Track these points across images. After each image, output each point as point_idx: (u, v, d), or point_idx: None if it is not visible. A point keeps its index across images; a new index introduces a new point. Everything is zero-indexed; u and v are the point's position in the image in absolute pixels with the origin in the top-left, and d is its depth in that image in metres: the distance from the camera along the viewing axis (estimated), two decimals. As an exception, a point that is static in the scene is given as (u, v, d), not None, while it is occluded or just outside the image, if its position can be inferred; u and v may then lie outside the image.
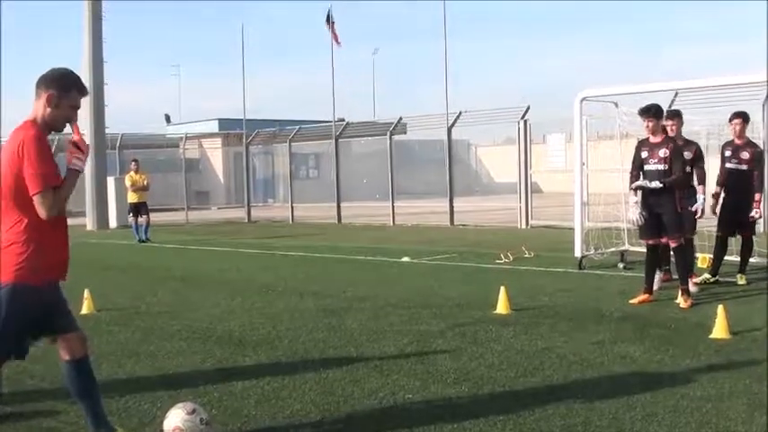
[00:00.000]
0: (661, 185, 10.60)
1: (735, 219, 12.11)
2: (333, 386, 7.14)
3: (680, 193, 10.86)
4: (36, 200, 5.01)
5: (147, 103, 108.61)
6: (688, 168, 11.43)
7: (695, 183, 11.81)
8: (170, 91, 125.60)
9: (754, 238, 12.67)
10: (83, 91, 5.35)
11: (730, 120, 12.34)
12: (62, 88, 5.24)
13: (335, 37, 31.44)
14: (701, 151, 11.87)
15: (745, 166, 12.06)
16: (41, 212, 5.01)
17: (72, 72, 5.35)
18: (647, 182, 10.71)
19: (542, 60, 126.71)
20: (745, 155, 12.07)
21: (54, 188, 5.06)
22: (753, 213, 11.95)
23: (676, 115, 12.00)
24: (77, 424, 6.06)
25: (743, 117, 12.27)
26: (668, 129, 11.37)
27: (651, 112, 10.85)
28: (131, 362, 8.30)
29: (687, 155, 11.34)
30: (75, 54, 32.44)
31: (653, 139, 10.84)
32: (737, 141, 12.21)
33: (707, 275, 12.17)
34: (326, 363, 8.01)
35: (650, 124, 10.80)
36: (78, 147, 5.22)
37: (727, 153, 12.24)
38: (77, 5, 32.07)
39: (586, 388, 6.88)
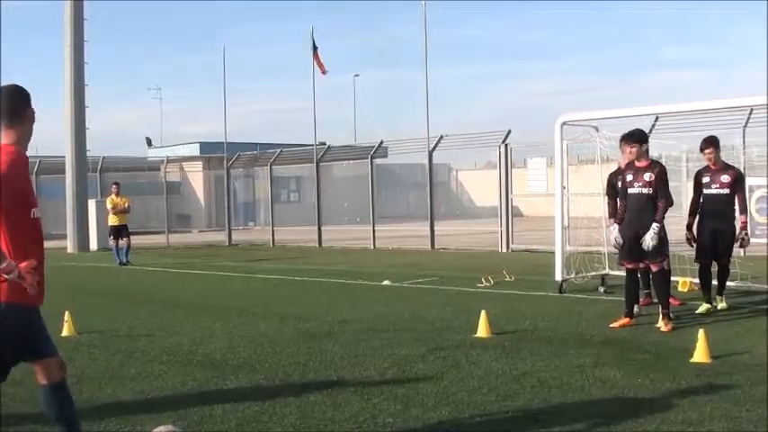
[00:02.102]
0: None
1: (714, 246, 11.90)
2: (313, 410, 7.11)
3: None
4: None
5: (128, 127, 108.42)
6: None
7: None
8: (151, 114, 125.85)
9: (736, 261, 12.73)
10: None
11: (702, 149, 12.07)
12: (29, 103, 5.35)
13: (321, 66, 31.45)
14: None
15: (727, 190, 11.82)
16: None
17: (18, 85, 5.40)
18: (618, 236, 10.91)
19: (523, 85, 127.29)
20: (726, 178, 11.81)
21: None
22: (742, 235, 11.81)
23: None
24: (57, 447, 6.02)
25: (714, 144, 11.98)
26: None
27: (635, 137, 10.92)
28: (112, 385, 8.25)
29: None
30: (57, 77, 32.32)
31: (638, 163, 10.85)
32: (713, 167, 12.06)
33: (708, 305, 11.89)
34: (307, 386, 7.99)
35: (633, 150, 10.84)
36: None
37: (706, 179, 11.97)
38: (58, 28, 32.02)
39: (567, 412, 6.89)
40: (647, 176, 10.71)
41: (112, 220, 24.97)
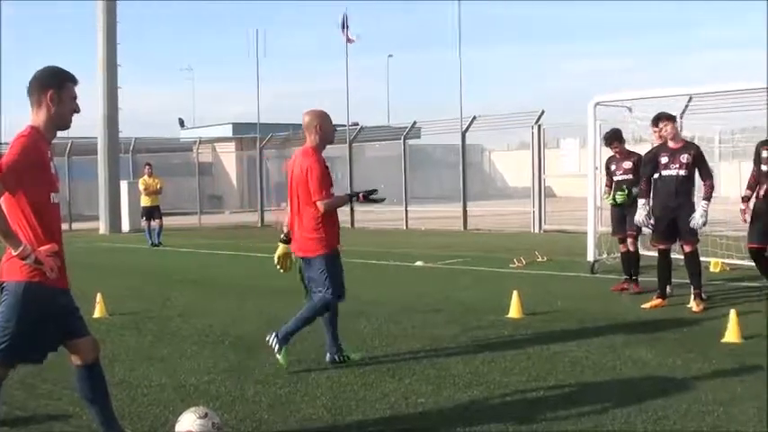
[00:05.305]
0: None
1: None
2: (345, 390, 7.15)
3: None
4: None
5: (160, 108, 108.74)
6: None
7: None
8: (184, 95, 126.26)
9: None
10: (74, 80, 5.33)
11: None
12: (52, 86, 5.22)
13: (348, 37, 31.72)
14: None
15: None
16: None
17: (55, 67, 5.35)
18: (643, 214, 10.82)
19: (557, 66, 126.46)
20: None
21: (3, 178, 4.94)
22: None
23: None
24: (89, 428, 6.07)
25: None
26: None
27: (665, 116, 10.78)
28: (143, 365, 8.31)
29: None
30: (89, 57, 32.46)
31: (672, 145, 10.72)
32: None
33: None
34: (338, 367, 8.04)
35: (668, 127, 10.65)
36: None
37: (765, 153, 11.00)
38: (91, 8, 32.07)
39: (598, 392, 6.89)
40: (684, 158, 10.59)
41: (145, 201, 25.09)
